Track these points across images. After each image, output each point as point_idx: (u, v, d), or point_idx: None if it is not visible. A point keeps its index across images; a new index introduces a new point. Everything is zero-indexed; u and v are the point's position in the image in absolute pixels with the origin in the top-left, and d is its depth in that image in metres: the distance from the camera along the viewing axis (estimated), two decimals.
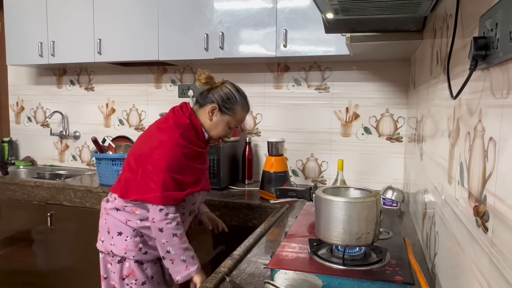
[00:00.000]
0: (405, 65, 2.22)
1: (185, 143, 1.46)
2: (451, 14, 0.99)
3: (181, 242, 1.42)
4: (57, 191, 2.34)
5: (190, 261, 1.43)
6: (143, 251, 1.50)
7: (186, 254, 1.43)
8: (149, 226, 1.47)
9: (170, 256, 1.42)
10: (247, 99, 1.60)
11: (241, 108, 1.56)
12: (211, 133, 1.55)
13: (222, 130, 1.56)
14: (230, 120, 1.55)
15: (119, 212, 1.51)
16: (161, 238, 1.41)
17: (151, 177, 1.42)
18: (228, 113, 1.53)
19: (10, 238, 2.54)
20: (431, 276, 1.11)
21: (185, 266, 1.42)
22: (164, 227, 1.40)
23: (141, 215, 1.49)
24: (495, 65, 0.62)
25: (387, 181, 2.23)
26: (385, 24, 1.41)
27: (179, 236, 1.42)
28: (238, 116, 1.55)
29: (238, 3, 2.16)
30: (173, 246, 1.41)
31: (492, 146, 0.63)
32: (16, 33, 2.72)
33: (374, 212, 1.02)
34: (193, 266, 1.43)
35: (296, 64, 2.43)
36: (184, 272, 1.42)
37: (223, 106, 1.53)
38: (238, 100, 1.54)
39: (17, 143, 3.23)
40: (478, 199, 0.68)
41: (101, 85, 2.93)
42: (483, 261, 0.64)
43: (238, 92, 1.57)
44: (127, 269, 1.50)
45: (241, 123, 1.62)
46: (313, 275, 0.96)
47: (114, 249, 1.50)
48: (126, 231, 1.49)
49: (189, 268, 1.42)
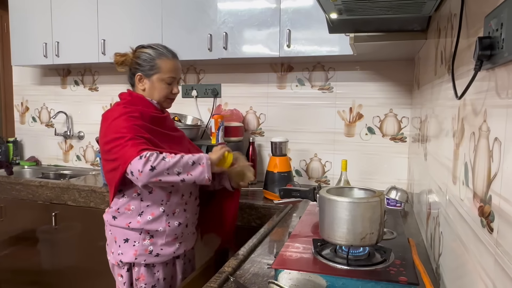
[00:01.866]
0: (409, 65, 2.21)
1: (130, 109, 1.43)
2: (455, 14, 0.98)
3: (175, 159, 1.34)
4: (62, 191, 2.36)
5: (195, 158, 1.39)
6: (154, 254, 1.47)
7: (187, 159, 1.37)
8: (152, 219, 1.44)
9: (183, 173, 1.35)
10: (165, 48, 1.52)
11: (161, 59, 1.49)
12: (155, 98, 1.51)
13: (161, 89, 1.50)
14: (160, 77, 1.49)
15: (117, 220, 1.48)
16: (162, 174, 1.32)
17: (116, 151, 1.35)
18: (152, 72, 1.48)
19: (15, 238, 2.55)
20: (435, 277, 1.11)
21: (199, 165, 1.38)
22: (154, 165, 1.30)
23: (137, 209, 1.46)
24: (500, 65, 0.62)
25: (391, 181, 2.23)
26: (389, 24, 1.41)
27: (168, 156, 1.34)
28: (164, 67, 1.48)
29: (242, 4, 2.16)
30: (174, 166, 1.33)
31: (497, 146, 0.63)
32: (21, 34, 2.73)
33: (378, 212, 1.02)
34: (202, 159, 1.40)
35: (300, 64, 2.43)
36: (202, 168, 1.39)
37: (144, 70, 1.49)
38: (154, 54, 1.49)
39: (21, 143, 3.25)
40: (483, 200, 0.68)
41: (105, 85, 2.94)
42: (488, 262, 0.64)
43: (151, 48, 1.51)
44: (136, 273, 1.49)
45: (174, 72, 1.51)
46: (317, 275, 0.96)
47: (123, 257, 1.47)
48: (133, 236, 1.47)
49: (202, 162, 1.39)
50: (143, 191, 1.45)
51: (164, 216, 1.47)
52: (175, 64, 1.52)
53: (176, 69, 1.52)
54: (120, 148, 1.35)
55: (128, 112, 1.42)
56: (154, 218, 1.46)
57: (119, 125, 1.38)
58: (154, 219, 1.46)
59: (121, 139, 1.35)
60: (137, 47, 1.55)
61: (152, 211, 1.46)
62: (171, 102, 1.57)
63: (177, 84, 1.55)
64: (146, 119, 1.45)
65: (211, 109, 2.61)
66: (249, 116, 2.57)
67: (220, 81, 2.61)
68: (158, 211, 1.47)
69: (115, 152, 1.36)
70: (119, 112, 1.42)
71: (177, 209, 1.51)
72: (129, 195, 1.46)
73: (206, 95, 2.63)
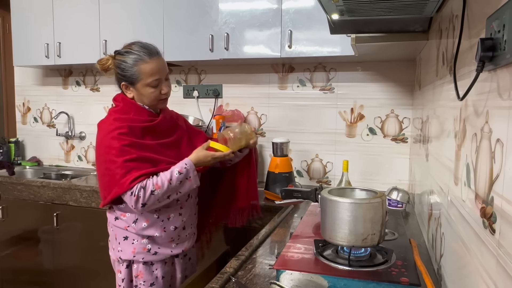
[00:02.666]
0: (410, 66, 2.21)
1: (120, 124, 1.40)
2: (457, 15, 0.98)
3: (164, 188, 1.38)
4: (63, 191, 2.36)
5: (181, 177, 1.41)
6: (152, 252, 1.49)
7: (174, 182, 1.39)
8: (147, 226, 1.46)
9: (173, 194, 1.42)
10: (142, 48, 1.43)
11: (139, 65, 1.40)
12: (145, 103, 1.47)
13: (149, 94, 1.43)
14: (144, 83, 1.41)
15: (118, 221, 1.50)
16: (155, 204, 1.40)
17: (108, 174, 1.39)
18: (134, 79, 1.41)
19: (16, 238, 2.56)
20: (437, 278, 1.11)
21: (186, 180, 1.43)
22: (145, 202, 1.36)
23: (131, 217, 1.46)
24: (502, 67, 0.62)
25: (392, 182, 2.23)
26: (390, 24, 1.41)
27: (156, 187, 1.37)
28: (145, 73, 1.40)
29: (243, 4, 2.16)
30: (164, 194, 1.39)
31: (499, 147, 0.63)
32: (23, 35, 2.74)
33: (380, 213, 1.02)
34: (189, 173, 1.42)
35: (301, 65, 2.43)
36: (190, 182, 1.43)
37: (126, 79, 1.43)
38: (130, 62, 1.41)
39: (23, 144, 3.26)
40: (485, 201, 0.68)
41: (106, 85, 2.94)
42: (490, 263, 0.64)
43: (127, 53, 1.42)
44: (135, 270, 1.50)
45: (157, 74, 1.42)
46: (318, 275, 0.97)
47: (122, 254, 1.49)
48: (132, 235, 1.48)
49: (189, 176, 1.42)
50: None
51: (159, 222, 1.48)
52: (156, 65, 1.42)
53: (158, 69, 1.42)
54: (111, 175, 1.38)
55: (118, 127, 1.40)
56: (149, 225, 1.47)
57: (109, 145, 1.39)
58: (149, 226, 1.47)
59: (111, 164, 1.37)
60: (114, 53, 1.48)
61: (146, 218, 1.47)
62: (164, 102, 1.52)
63: (165, 81, 1.47)
64: (136, 133, 1.42)
65: (213, 110, 2.61)
66: (251, 117, 2.57)
67: (221, 81, 2.61)
68: (153, 218, 1.47)
69: (108, 175, 1.40)
70: (109, 128, 1.41)
71: (172, 214, 1.50)
72: (124, 204, 1.47)
73: (207, 95, 2.63)
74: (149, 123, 1.47)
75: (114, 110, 1.49)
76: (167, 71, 1.48)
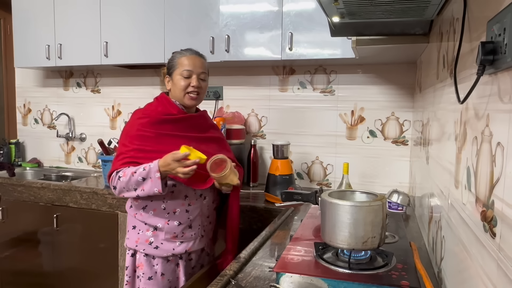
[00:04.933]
0: (411, 68, 2.21)
1: (142, 114, 1.57)
2: (458, 18, 0.98)
3: (127, 177, 1.45)
4: (63, 193, 2.36)
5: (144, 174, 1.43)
6: (153, 246, 1.53)
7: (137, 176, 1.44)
8: (153, 214, 1.53)
9: (138, 189, 1.45)
10: (189, 49, 1.62)
11: (180, 57, 1.58)
12: (177, 95, 1.58)
13: (179, 84, 1.56)
14: (178, 72, 1.56)
15: (131, 209, 1.59)
16: (123, 191, 1.48)
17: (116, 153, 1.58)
18: (173, 69, 1.58)
19: (16, 239, 2.55)
20: (437, 281, 1.11)
21: (149, 179, 1.42)
22: (114, 185, 1.50)
23: (142, 203, 1.54)
24: (503, 70, 0.62)
25: (392, 184, 2.22)
26: (391, 27, 1.41)
27: (123, 175, 1.46)
28: (181, 63, 1.56)
29: (244, 6, 2.16)
30: (128, 183, 1.45)
31: (500, 151, 0.63)
32: (24, 36, 2.74)
33: (380, 216, 1.02)
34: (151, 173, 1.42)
35: (302, 67, 2.43)
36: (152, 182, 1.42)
37: (168, 70, 1.61)
38: (174, 55, 1.61)
39: (24, 145, 3.26)
40: (486, 204, 0.68)
41: (107, 87, 2.95)
42: (491, 267, 0.64)
43: (177, 51, 1.63)
44: (137, 260, 1.56)
45: (190, 66, 1.55)
46: (318, 278, 0.96)
47: (128, 242, 1.58)
48: (139, 225, 1.56)
49: (150, 176, 1.42)
50: None
51: (164, 213, 1.53)
52: (192, 60, 1.57)
53: (192, 63, 1.56)
54: (116, 156, 1.58)
55: (138, 117, 1.57)
56: (155, 214, 1.53)
57: (125, 131, 1.58)
58: (155, 215, 1.53)
59: (121, 147, 1.57)
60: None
61: (154, 207, 1.53)
62: (192, 99, 1.57)
63: (198, 79, 1.56)
64: (153, 122, 1.55)
65: (213, 112, 2.61)
66: (251, 119, 2.57)
67: (222, 83, 2.62)
68: (160, 208, 1.53)
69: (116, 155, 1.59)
70: (136, 115, 1.59)
71: (178, 209, 1.54)
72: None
73: (208, 97, 2.63)
74: (172, 115, 1.56)
75: (149, 103, 1.65)
76: (203, 70, 1.59)
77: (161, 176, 1.41)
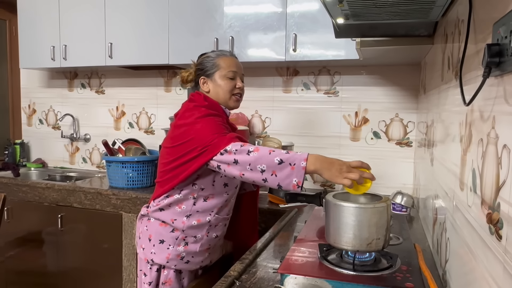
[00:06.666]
0: (415, 70, 2.21)
1: (213, 111, 1.43)
2: (463, 20, 0.98)
3: (261, 153, 1.22)
4: (68, 193, 2.37)
5: (284, 156, 1.20)
6: (185, 260, 1.47)
7: (274, 156, 1.21)
8: (196, 225, 1.43)
9: (267, 171, 1.21)
10: (221, 51, 1.56)
11: (220, 58, 1.50)
12: (221, 97, 1.48)
13: (224, 85, 1.48)
14: (221, 73, 1.48)
15: (164, 212, 1.45)
16: (245, 167, 1.23)
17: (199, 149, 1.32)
18: (213, 70, 1.48)
19: (21, 239, 2.56)
20: (442, 283, 1.11)
21: (289, 165, 1.19)
22: (236, 158, 1.25)
23: (186, 210, 1.44)
24: (509, 73, 0.62)
25: (396, 186, 2.22)
26: (395, 29, 1.41)
27: (254, 149, 1.24)
28: (224, 64, 1.49)
29: (248, 8, 2.17)
30: (255, 162, 1.22)
31: (506, 153, 0.62)
32: (29, 37, 2.76)
33: (385, 218, 1.02)
34: (295, 160, 1.19)
35: (305, 68, 2.43)
36: (291, 171, 1.18)
37: (206, 71, 1.50)
38: (213, 55, 1.52)
39: (28, 145, 3.27)
40: (491, 207, 0.68)
41: (111, 88, 2.96)
42: (497, 269, 0.64)
43: (211, 51, 1.55)
44: (165, 277, 1.48)
45: (234, 67, 1.50)
46: (323, 280, 0.96)
47: (155, 257, 1.47)
48: (169, 239, 1.45)
49: (293, 163, 1.18)
50: (199, 196, 1.45)
51: (207, 226, 1.48)
52: (234, 61, 1.52)
53: (236, 64, 1.51)
54: (213, 138, 1.32)
55: (210, 114, 1.41)
56: (198, 225, 1.46)
57: (211, 121, 1.38)
58: (197, 226, 1.46)
59: (217, 131, 1.34)
60: (199, 56, 1.58)
61: (199, 217, 1.46)
62: (237, 101, 1.52)
63: (241, 80, 1.52)
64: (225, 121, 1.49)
65: None
66: (255, 120, 2.57)
67: None
68: (204, 220, 1.47)
69: (200, 139, 1.33)
70: (205, 112, 1.41)
71: (220, 223, 1.52)
72: (186, 195, 1.44)
73: None
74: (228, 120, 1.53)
75: (199, 104, 1.45)
76: (243, 72, 1.55)
77: (306, 169, 1.19)
